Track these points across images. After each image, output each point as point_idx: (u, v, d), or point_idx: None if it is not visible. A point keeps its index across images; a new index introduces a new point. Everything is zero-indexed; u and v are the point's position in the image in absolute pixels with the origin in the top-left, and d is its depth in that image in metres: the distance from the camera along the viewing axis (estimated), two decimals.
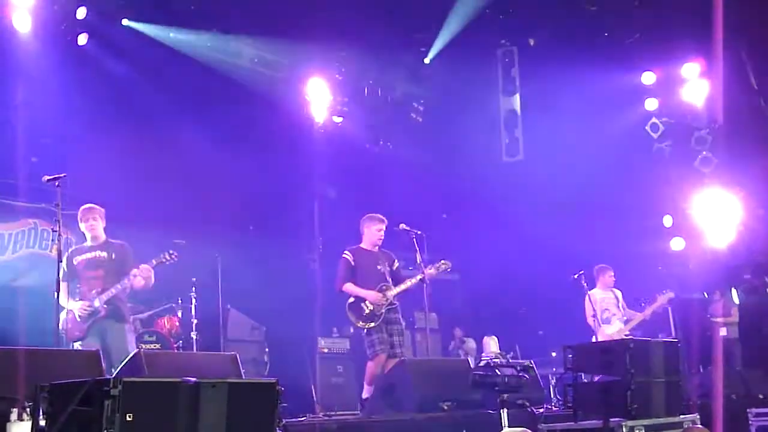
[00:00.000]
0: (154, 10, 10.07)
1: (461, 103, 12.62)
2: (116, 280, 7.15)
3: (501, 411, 5.92)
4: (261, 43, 11.34)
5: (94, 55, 9.58)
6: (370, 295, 7.93)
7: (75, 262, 7.24)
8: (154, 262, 7.29)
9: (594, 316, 9.82)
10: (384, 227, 8.23)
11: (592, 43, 11.26)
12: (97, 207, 7.40)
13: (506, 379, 6.09)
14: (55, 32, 9.26)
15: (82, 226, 7.33)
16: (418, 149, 12.83)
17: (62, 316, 7.04)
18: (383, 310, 7.93)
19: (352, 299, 7.99)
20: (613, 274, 10.05)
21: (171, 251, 7.38)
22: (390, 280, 8.08)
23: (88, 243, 7.37)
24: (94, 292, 7.09)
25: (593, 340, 9.90)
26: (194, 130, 10.31)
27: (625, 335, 9.77)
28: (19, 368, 4.74)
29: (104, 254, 7.28)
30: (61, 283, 7.00)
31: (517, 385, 6.12)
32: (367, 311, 7.91)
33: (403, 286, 8.02)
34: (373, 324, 7.87)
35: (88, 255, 7.28)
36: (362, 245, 8.24)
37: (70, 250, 7.27)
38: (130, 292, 7.41)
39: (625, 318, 9.97)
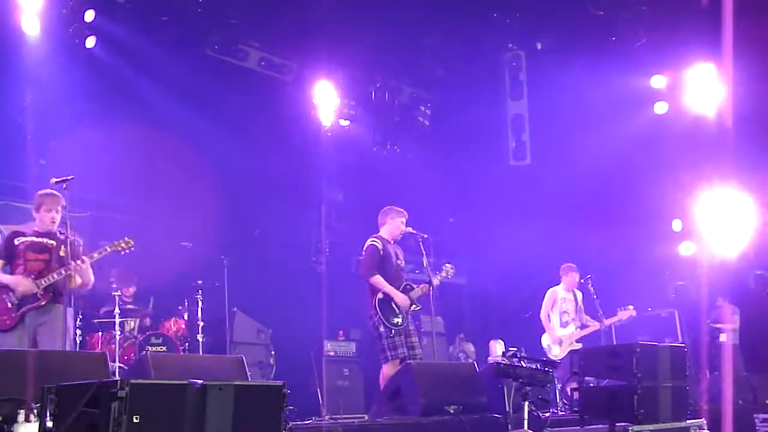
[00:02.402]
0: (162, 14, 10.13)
1: (468, 107, 12.64)
2: (60, 269, 6.46)
3: (523, 404, 5.86)
4: (268, 47, 11.37)
5: (102, 58, 9.61)
6: (399, 297, 7.72)
7: (16, 242, 6.60)
8: (108, 248, 6.61)
9: (549, 313, 9.88)
10: (405, 221, 8.09)
11: (600, 47, 11.25)
12: (62, 197, 6.70)
13: (532, 372, 5.95)
14: (64, 35, 9.30)
15: (45, 213, 6.65)
16: (425, 153, 12.84)
17: None
18: (409, 313, 7.81)
19: (381, 295, 7.70)
20: (577, 276, 9.97)
21: (128, 238, 6.68)
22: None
23: (39, 229, 6.70)
24: (32, 277, 6.42)
25: (543, 339, 9.90)
26: (202, 134, 10.34)
27: (576, 341, 9.75)
28: (26, 370, 4.76)
29: (53, 242, 6.65)
30: None
31: (543, 380, 6.00)
32: (396, 311, 7.71)
33: (415, 293, 7.85)
34: (400, 326, 7.68)
35: (35, 239, 6.63)
36: (382, 235, 8.03)
37: (11, 230, 6.75)
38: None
39: (579, 323, 9.90)
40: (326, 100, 11.82)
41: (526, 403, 5.82)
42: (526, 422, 5.81)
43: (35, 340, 6.37)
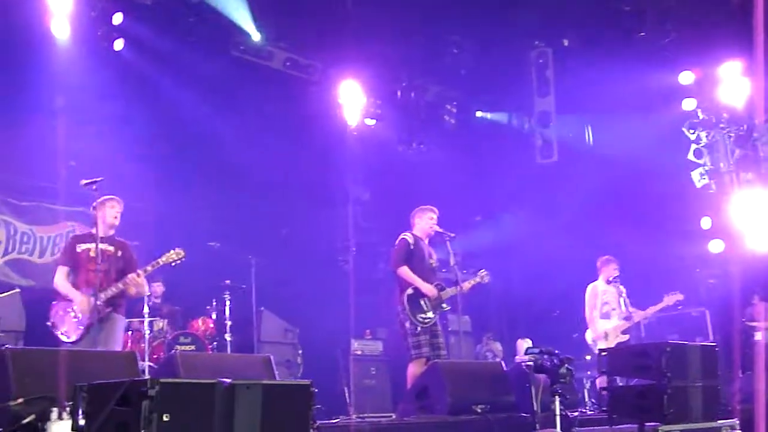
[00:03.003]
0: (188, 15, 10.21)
1: (495, 105, 12.60)
2: (116, 279, 6.72)
3: (553, 401, 5.85)
4: (294, 47, 11.40)
5: (130, 60, 9.70)
6: (426, 287, 7.68)
7: (78, 250, 6.80)
8: (160, 261, 6.82)
9: (593, 310, 9.68)
10: (436, 218, 8.09)
11: (628, 44, 11.15)
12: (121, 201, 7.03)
13: (558, 368, 5.94)
14: (92, 38, 9.40)
15: (109, 213, 6.85)
16: (451, 151, 12.81)
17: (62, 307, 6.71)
18: (438, 312, 7.77)
19: (411, 291, 7.69)
20: (617, 267, 9.68)
21: (178, 249, 6.87)
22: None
23: (98, 233, 6.76)
24: (91, 290, 6.57)
25: (587, 335, 9.73)
26: (228, 134, 10.41)
27: (621, 333, 9.57)
28: (59, 368, 4.82)
29: (111, 249, 6.83)
30: (60, 267, 6.85)
31: (566, 375, 5.99)
32: (425, 308, 7.67)
33: (446, 294, 7.83)
34: (428, 323, 7.66)
35: (94, 245, 6.70)
36: (416, 233, 8.02)
37: (71, 235, 6.99)
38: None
39: (624, 315, 9.72)
40: (352, 99, 11.83)
41: (557, 400, 5.80)
42: (558, 418, 5.78)
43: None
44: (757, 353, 9.52)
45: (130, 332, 8.93)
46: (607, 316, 9.63)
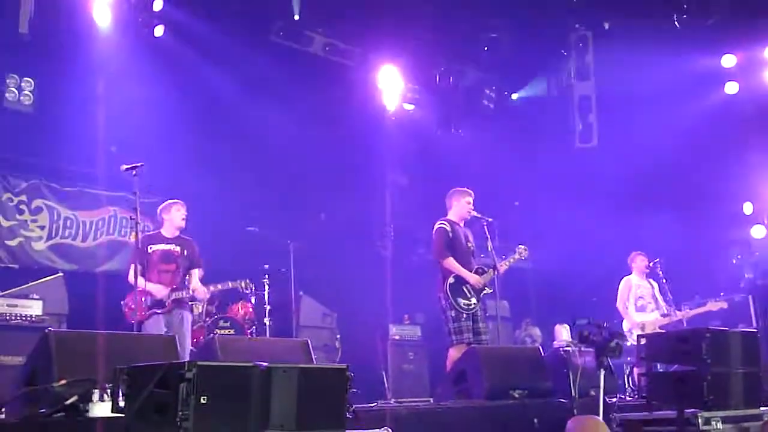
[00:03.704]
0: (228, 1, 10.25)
1: (534, 89, 12.47)
2: (183, 276, 7.51)
3: (599, 372, 5.83)
4: (333, 31, 11.40)
5: (170, 46, 9.78)
6: (473, 278, 7.69)
7: (150, 250, 7.44)
8: (230, 284, 7.65)
9: (626, 302, 9.63)
10: (472, 201, 8.05)
11: (670, 26, 10.95)
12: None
13: (607, 342, 5.90)
14: (133, 25, 9.51)
15: (177, 216, 7.58)
16: (489, 136, 12.72)
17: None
18: (480, 296, 7.76)
19: (452, 279, 7.68)
20: (646, 262, 9.68)
21: (249, 282, 7.78)
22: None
23: (166, 234, 7.59)
24: (162, 286, 7.39)
25: (624, 325, 9.66)
26: (267, 119, 10.45)
27: (659, 327, 9.46)
28: (100, 351, 4.90)
29: (178, 249, 7.55)
30: (132, 265, 7.35)
31: (616, 349, 5.95)
32: (469, 294, 7.68)
33: (485, 277, 7.80)
34: (471, 310, 7.66)
35: (164, 246, 7.50)
36: (451, 218, 8.01)
37: (143, 235, 7.42)
38: None
39: (661, 312, 9.61)
40: (390, 84, 11.81)
41: (602, 374, 5.76)
42: (602, 392, 5.74)
43: None
44: None
45: None
46: (642, 309, 9.65)
